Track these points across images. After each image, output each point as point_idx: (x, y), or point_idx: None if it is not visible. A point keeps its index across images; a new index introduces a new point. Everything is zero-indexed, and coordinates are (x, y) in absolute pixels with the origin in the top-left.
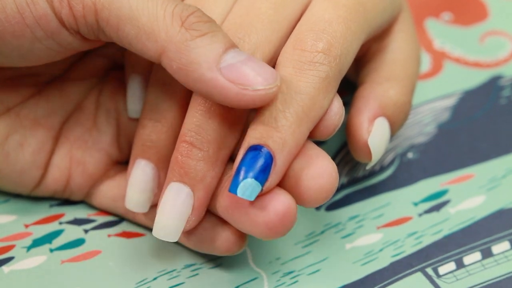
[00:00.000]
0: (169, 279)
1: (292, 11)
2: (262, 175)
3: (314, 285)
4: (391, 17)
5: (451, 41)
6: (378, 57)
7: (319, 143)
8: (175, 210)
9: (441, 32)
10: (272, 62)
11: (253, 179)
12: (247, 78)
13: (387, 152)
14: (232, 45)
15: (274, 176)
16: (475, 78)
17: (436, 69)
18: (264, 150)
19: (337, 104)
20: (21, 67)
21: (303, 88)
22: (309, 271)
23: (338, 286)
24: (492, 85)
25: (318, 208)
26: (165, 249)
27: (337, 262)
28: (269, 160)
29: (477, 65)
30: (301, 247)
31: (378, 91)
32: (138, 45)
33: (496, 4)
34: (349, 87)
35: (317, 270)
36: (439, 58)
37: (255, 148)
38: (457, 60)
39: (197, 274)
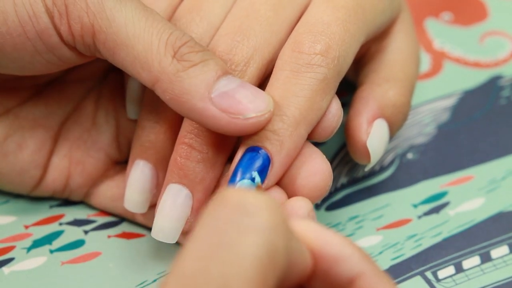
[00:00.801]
0: None
1: (291, 12)
2: (259, 176)
3: None
4: (390, 18)
5: (451, 41)
6: (377, 58)
7: (319, 143)
8: (174, 212)
9: (441, 32)
10: (271, 64)
11: (249, 180)
12: (238, 106)
13: (387, 152)
14: (224, 72)
15: (271, 178)
16: (475, 78)
17: (436, 69)
18: (261, 151)
19: (336, 106)
20: None
21: (300, 90)
22: None
23: None
24: (492, 85)
25: (318, 208)
26: (165, 250)
27: None
28: (267, 161)
29: (477, 65)
30: None
31: (377, 92)
32: (133, 72)
33: (496, 4)
34: (348, 88)
35: None
36: (439, 58)
37: (253, 150)
38: (457, 60)
39: None
